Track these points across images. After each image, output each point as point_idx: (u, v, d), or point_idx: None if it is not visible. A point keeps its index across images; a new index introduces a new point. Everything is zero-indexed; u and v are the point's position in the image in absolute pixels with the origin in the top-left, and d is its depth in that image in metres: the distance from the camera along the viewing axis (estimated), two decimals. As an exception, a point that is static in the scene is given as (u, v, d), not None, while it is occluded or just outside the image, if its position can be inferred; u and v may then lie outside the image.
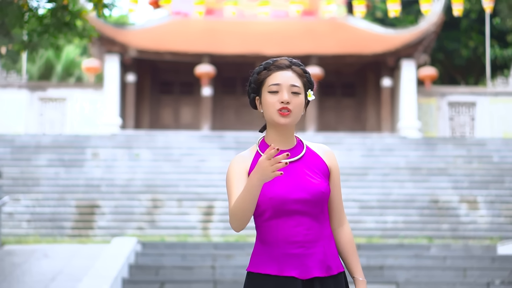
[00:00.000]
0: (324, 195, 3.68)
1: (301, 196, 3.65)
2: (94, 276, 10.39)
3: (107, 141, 24.71)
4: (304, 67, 3.82)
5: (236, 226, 3.64)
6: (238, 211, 3.56)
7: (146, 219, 20.60)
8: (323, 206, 3.71)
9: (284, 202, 3.63)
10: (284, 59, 3.81)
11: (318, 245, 3.67)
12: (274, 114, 3.71)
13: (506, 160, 23.92)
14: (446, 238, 19.72)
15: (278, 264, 3.64)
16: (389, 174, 22.80)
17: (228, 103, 31.34)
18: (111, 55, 28.85)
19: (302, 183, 3.67)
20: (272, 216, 3.66)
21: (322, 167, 3.76)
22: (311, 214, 3.66)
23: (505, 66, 37.61)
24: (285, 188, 3.65)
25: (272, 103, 3.72)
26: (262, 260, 3.68)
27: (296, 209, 3.64)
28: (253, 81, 3.82)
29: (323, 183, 3.70)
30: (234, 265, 12.62)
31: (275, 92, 3.73)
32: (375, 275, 12.16)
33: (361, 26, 31.43)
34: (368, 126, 30.88)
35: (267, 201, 3.64)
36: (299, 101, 3.73)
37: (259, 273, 3.68)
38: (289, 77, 3.74)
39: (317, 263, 3.66)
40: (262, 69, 3.81)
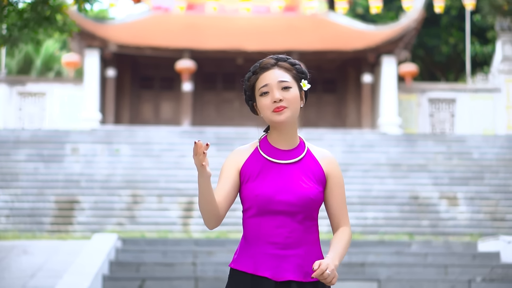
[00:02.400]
0: (313, 201, 3.64)
1: (287, 198, 3.62)
2: (74, 272, 10.31)
3: (87, 136, 24.58)
4: (292, 60, 3.78)
5: (204, 222, 3.67)
6: (199, 205, 3.63)
7: (126, 214, 20.52)
8: (311, 212, 3.66)
9: (270, 201, 3.61)
10: (269, 58, 3.78)
11: (299, 249, 3.62)
12: (270, 115, 3.70)
13: (485, 156, 24.00)
14: (426, 235, 19.75)
15: (255, 263, 3.63)
16: (370, 170, 22.83)
17: (209, 98, 31.26)
18: (91, 50, 28.70)
19: (291, 185, 3.64)
20: (256, 214, 3.64)
21: (318, 173, 3.71)
22: (296, 217, 3.62)
23: (485, 63, 37.77)
24: (273, 187, 3.63)
25: (266, 105, 3.69)
26: (242, 257, 3.67)
27: (281, 210, 3.61)
28: (246, 89, 3.80)
29: (314, 189, 3.65)
30: (215, 262, 12.57)
31: (266, 93, 3.69)
32: (357, 272, 12.15)
33: (342, 22, 31.44)
34: (348, 122, 30.90)
35: (253, 198, 3.63)
36: (291, 95, 3.69)
37: (238, 270, 3.67)
38: (276, 75, 3.71)
39: (294, 267, 3.62)
40: (251, 74, 3.78)
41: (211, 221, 3.64)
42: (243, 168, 3.71)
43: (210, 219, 3.64)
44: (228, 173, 3.72)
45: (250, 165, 3.70)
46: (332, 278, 3.50)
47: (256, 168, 3.69)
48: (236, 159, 3.75)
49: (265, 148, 3.73)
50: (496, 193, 21.92)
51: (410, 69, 30.02)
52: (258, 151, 3.74)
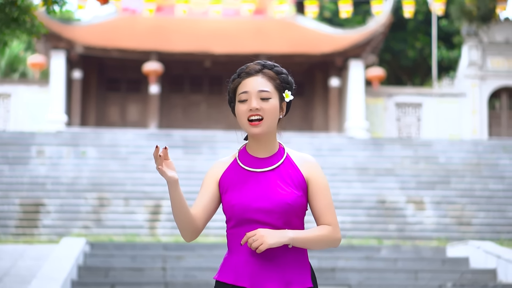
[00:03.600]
0: (290, 206, 3.56)
1: (263, 205, 3.55)
2: (43, 278, 10.15)
3: (53, 138, 24.35)
4: (279, 68, 3.68)
5: (181, 234, 3.60)
6: (173, 215, 3.54)
7: (92, 218, 20.33)
8: (289, 218, 3.58)
9: (246, 211, 3.55)
10: (256, 63, 3.68)
11: (278, 257, 3.56)
12: (245, 124, 3.59)
13: (452, 161, 24.13)
14: (393, 239, 19.79)
15: (235, 273, 3.57)
16: (337, 174, 22.83)
17: (176, 101, 31.12)
18: (57, 51, 28.46)
19: (268, 193, 3.56)
20: (236, 224, 3.59)
21: (297, 178, 3.64)
22: (273, 225, 3.55)
23: (451, 67, 38.03)
24: (249, 197, 3.56)
25: (242, 112, 3.59)
26: (225, 268, 3.62)
27: (258, 219, 3.54)
28: (229, 90, 3.70)
29: (292, 195, 3.57)
30: (185, 267, 12.47)
31: (244, 100, 3.60)
32: (327, 277, 12.11)
33: (310, 26, 31.46)
34: (315, 126, 30.92)
35: (230, 209, 3.58)
36: (269, 106, 3.60)
37: (219, 281, 3.62)
38: (258, 83, 3.60)
39: (274, 275, 3.55)
40: (236, 76, 3.68)
41: (187, 233, 3.57)
42: (222, 180, 3.65)
43: (186, 230, 3.56)
44: (207, 185, 3.67)
45: (228, 176, 3.64)
46: (258, 244, 3.43)
47: (234, 178, 3.63)
48: (215, 170, 3.69)
49: (243, 158, 3.66)
50: (462, 197, 22.04)
51: (377, 73, 30.11)
52: (237, 161, 3.66)
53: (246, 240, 3.48)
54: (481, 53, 29.97)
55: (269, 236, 3.46)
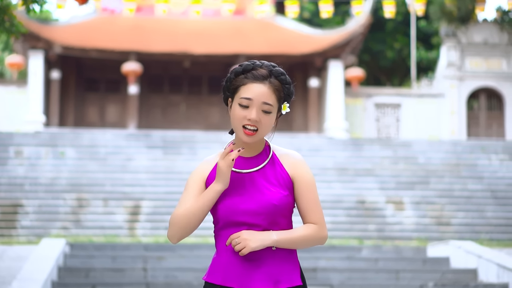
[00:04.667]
0: (276, 207, 3.52)
1: (249, 207, 3.50)
2: (23, 279, 10.07)
3: (31, 138, 24.20)
4: (285, 77, 3.56)
5: (174, 236, 3.52)
6: (184, 219, 3.47)
7: (71, 218, 20.22)
8: (276, 219, 3.54)
9: (232, 213, 3.50)
10: (265, 67, 3.53)
11: (266, 256, 3.52)
12: (238, 129, 3.51)
13: (431, 161, 24.20)
14: (373, 239, 19.81)
15: (223, 274, 3.53)
16: (317, 175, 22.81)
17: (155, 101, 31.04)
18: (36, 51, 28.30)
19: (254, 194, 3.52)
20: (223, 226, 3.54)
21: (283, 177, 3.59)
22: (260, 226, 3.51)
23: (430, 68, 38.16)
24: (235, 199, 3.51)
25: (240, 117, 3.49)
26: (214, 269, 3.57)
27: (244, 220, 3.50)
28: (228, 81, 3.61)
29: (277, 194, 3.53)
30: (166, 267, 12.42)
31: (245, 106, 3.51)
32: (309, 277, 12.08)
33: (290, 26, 31.47)
34: (295, 126, 30.93)
35: (217, 211, 3.53)
36: (268, 121, 3.52)
37: (207, 282, 3.58)
38: (263, 93, 3.49)
39: (263, 275, 3.51)
40: (240, 72, 3.55)
41: (184, 236, 3.53)
42: (208, 180, 3.59)
43: (187, 233, 3.53)
44: (194, 185, 3.58)
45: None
46: (241, 247, 3.42)
47: None
48: (201, 170, 3.61)
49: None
50: (442, 197, 22.10)
51: (357, 74, 30.16)
52: (224, 160, 3.62)
53: (231, 242, 3.46)
54: (459, 54, 30.09)
55: (252, 240, 3.43)
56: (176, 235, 3.51)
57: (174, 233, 3.50)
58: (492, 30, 30.42)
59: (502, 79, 30.20)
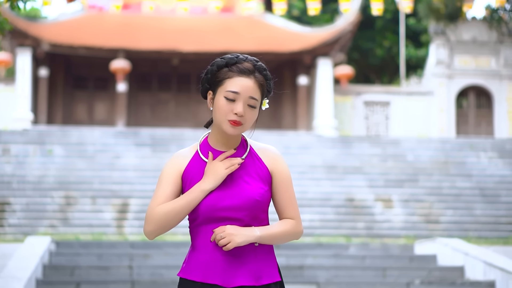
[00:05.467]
0: (258, 202, 3.47)
1: (233, 202, 3.44)
2: (6, 276, 9.98)
3: (19, 136, 24.11)
4: (267, 72, 3.53)
5: (152, 232, 3.44)
6: (167, 217, 3.41)
7: (59, 216, 20.13)
8: (257, 213, 3.49)
9: (214, 209, 3.43)
10: (249, 61, 3.48)
11: (248, 252, 3.46)
12: (223, 122, 3.45)
13: (420, 159, 24.19)
14: (362, 237, 19.78)
15: (204, 271, 3.45)
16: (305, 172, 22.80)
17: (143, 99, 30.97)
18: (23, 49, 28.19)
19: (235, 189, 3.46)
20: (202, 222, 3.46)
21: (263, 172, 3.54)
22: (242, 221, 3.45)
23: (419, 66, 38.17)
24: (216, 194, 3.45)
25: (225, 110, 3.44)
26: (191, 266, 3.49)
27: (226, 216, 3.44)
28: (210, 73, 3.54)
29: (258, 190, 3.48)
30: (151, 265, 12.35)
31: (231, 99, 3.47)
32: (295, 275, 12.05)
33: (278, 24, 31.43)
34: (284, 124, 30.89)
35: (199, 207, 3.44)
36: (253, 115, 3.49)
37: (187, 279, 3.49)
38: (250, 88, 3.46)
39: (245, 271, 3.46)
40: (224, 64, 3.49)
41: (162, 233, 3.48)
42: (185, 174, 3.51)
43: (165, 230, 3.47)
44: (169, 179, 3.50)
45: (191, 170, 3.51)
46: (226, 242, 3.37)
47: (197, 174, 3.50)
48: (177, 163, 3.53)
49: (205, 151, 3.54)
50: (430, 195, 22.09)
51: (346, 72, 30.15)
52: (199, 155, 3.55)
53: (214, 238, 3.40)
54: (448, 51, 30.10)
55: (238, 235, 3.38)
56: (155, 232, 3.44)
57: (153, 230, 3.44)
58: (481, 28, 30.44)
59: (491, 77, 30.22)
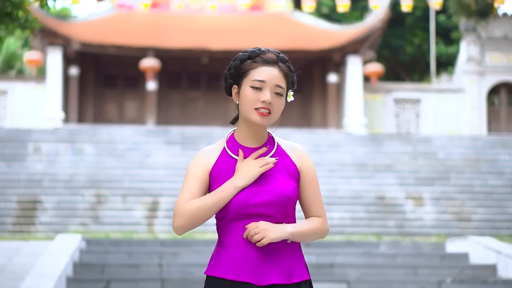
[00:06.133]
0: (289, 199, 3.45)
1: (265, 199, 3.42)
2: (37, 274, 10.02)
3: (50, 135, 24.22)
4: (290, 64, 3.54)
5: (181, 228, 3.42)
6: (197, 212, 3.38)
7: (90, 215, 20.21)
8: (288, 210, 3.47)
9: (245, 206, 3.41)
10: (271, 52, 3.51)
11: (279, 250, 3.43)
12: (251, 111, 3.45)
13: (451, 156, 24.02)
14: (392, 235, 19.67)
15: (234, 268, 3.41)
16: (336, 170, 22.72)
17: (173, 97, 31.02)
18: (54, 48, 28.33)
19: (266, 185, 3.44)
20: (232, 219, 3.43)
21: (291, 169, 3.52)
22: (273, 217, 3.42)
23: (449, 63, 37.93)
24: (248, 190, 3.42)
25: (253, 100, 3.44)
26: (219, 263, 3.45)
27: (258, 212, 3.41)
28: (233, 67, 3.54)
29: (289, 186, 3.46)
30: (181, 263, 12.36)
31: (257, 88, 3.45)
32: (325, 273, 12.00)
33: (308, 21, 31.34)
34: (314, 122, 30.81)
35: (230, 203, 3.41)
36: (280, 104, 3.49)
37: (215, 277, 3.45)
38: (275, 76, 3.46)
39: (277, 270, 3.42)
40: (247, 57, 3.51)
41: (192, 228, 3.46)
42: (213, 171, 3.49)
43: (194, 226, 3.45)
44: (197, 176, 3.48)
45: (220, 167, 3.48)
46: (260, 237, 3.35)
47: (226, 170, 3.48)
48: (204, 160, 3.50)
49: (233, 147, 3.52)
50: (462, 193, 21.92)
51: (376, 69, 30.00)
52: (226, 151, 3.52)
53: (248, 233, 3.36)
54: (479, 48, 29.86)
55: (271, 231, 3.36)
56: (184, 227, 3.42)
57: (182, 225, 3.41)
58: (513, 24, 30.17)
59: (522, 74, 29.95)
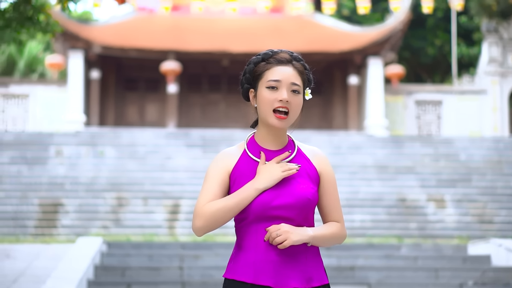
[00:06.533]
0: (310, 202, 3.44)
1: (286, 201, 3.40)
2: (58, 277, 10.06)
3: (71, 138, 24.31)
4: (304, 62, 3.55)
5: (201, 229, 3.39)
6: (218, 213, 3.36)
7: (111, 217, 20.26)
8: (308, 214, 3.46)
9: (267, 208, 3.39)
10: (284, 52, 3.53)
11: (299, 254, 3.42)
12: (269, 114, 3.46)
13: (473, 158, 23.88)
14: (414, 237, 19.58)
15: (254, 272, 3.39)
16: (357, 173, 22.66)
17: (194, 100, 31.05)
18: (75, 51, 28.44)
19: (288, 188, 3.43)
20: (253, 221, 3.42)
21: (312, 172, 3.51)
22: (294, 220, 3.41)
23: (471, 64, 37.74)
24: (270, 192, 3.41)
25: (270, 100, 3.45)
26: (238, 266, 3.43)
27: (279, 214, 3.40)
28: (248, 71, 3.55)
29: (310, 190, 3.45)
30: (202, 266, 12.36)
31: (273, 88, 3.45)
32: (346, 276, 11.96)
33: (328, 23, 31.30)
34: (335, 124, 30.75)
35: (250, 205, 3.40)
36: (298, 101, 3.49)
37: (235, 280, 3.43)
38: (290, 74, 3.48)
39: (297, 273, 3.41)
40: (260, 60, 3.52)
41: (212, 230, 3.45)
42: (233, 172, 3.48)
43: (215, 228, 3.44)
44: (217, 177, 3.47)
45: (240, 169, 3.48)
46: (282, 239, 3.33)
47: (246, 172, 3.47)
48: (224, 162, 3.50)
49: (253, 149, 3.51)
50: (484, 195, 21.79)
51: (397, 71, 29.91)
52: (247, 153, 3.50)
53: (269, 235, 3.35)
54: (501, 49, 29.69)
55: (293, 233, 3.34)
56: (205, 228, 3.40)
57: (202, 226, 3.39)
58: (535, 25, 29.97)
59: (545, 75, 29.74)
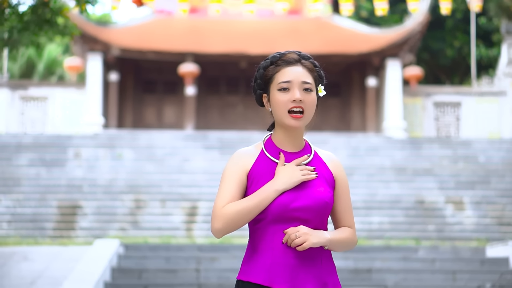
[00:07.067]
0: (328, 205, 3.43)
1: (305, 203, 3.39)
2: (75, 279, 10.09)
3: (89, 140, 24.40)
4: (314, 60, 3.55)
5: (220, 231, 3.37)
6: (238, 215, 3.34)
7: (129, 219, 20.30)
8: (324, 217, 3.45)
9: (285, 209, 3.38)
10: (292, 52, 3.55)
11: (315, 257, 3.40)
12: (284, 115, 3.46)
13: (492, 160, 23.77)
14: (432, 240, 19.51)
15: (269, 274, 3.37)
16: (375, 174, 22.60)
17: (212, 102, 31.08)
18: (94, 54, 28.54)
19: (306, 190, 3.42)
20: (270, 222, 3.40)
21: (329, 176, 3.52)
22: (311, 222, 3.40)
23: (490, 66, 37.57)
24: (289, 194, 3.40)
25: (283, 102, 3.45)
26: (254, 268, 3.41)
27: (298, 216, 3.39)
28: (259, 77, 3.56)
29: (327, 193, 3.45)
30: (219, 268, 12.35)
31: (285, 89, 3.46)
32: (363, 278, 11.92)
33: (346, 25, 31.24)
34: (353, 126, 30.69)
35: (269, 207, 3.38)
36: (312, 99, 3.48)
37: (249, 282, 3.41)
38: (300, 73, 3.48)
39: (312, 278, 3.39)
40: (269, 64, 3.54)
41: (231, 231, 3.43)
42: (251, 172, 3.46)
43: (234, 229, 3.42)
44: (235, 178, 3.45)
45: (258, 168, 3.46)
46: (302, 241, 3.32)
47: (265, 172, 3.45)
48: (242, 162, 3.48)
49: (271, 150, 3.51)
50: (503, 197, 21.68)
51: (415, 73, 29.82)
52: (265, 153, 3.50)
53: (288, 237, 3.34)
54: (521, 51, 29.51)
55: (312, 235, 3.33)
56: (224, 230, 3.38)
57: (222, 227, 3.36)
58: (555, 26, 29.78)
59: None
